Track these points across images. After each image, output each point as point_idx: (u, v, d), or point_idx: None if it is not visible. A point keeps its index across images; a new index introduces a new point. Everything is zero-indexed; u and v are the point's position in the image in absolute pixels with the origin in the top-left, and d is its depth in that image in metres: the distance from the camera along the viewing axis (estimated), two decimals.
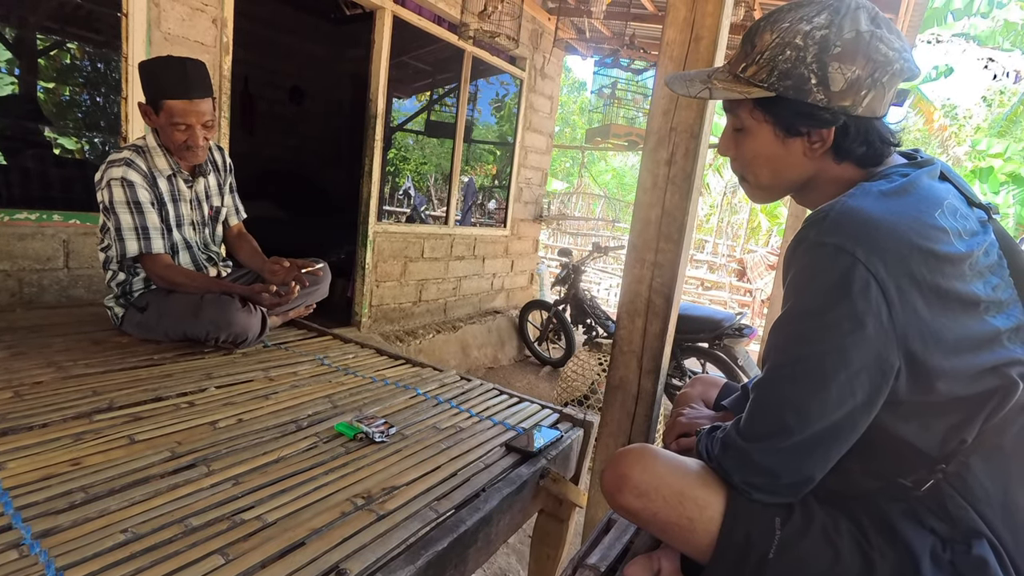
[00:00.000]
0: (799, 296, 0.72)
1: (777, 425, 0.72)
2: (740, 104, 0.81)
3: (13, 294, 2.05)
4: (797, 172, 0.81)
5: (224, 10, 2.44)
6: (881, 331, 0.66)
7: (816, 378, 0.69)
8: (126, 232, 1.62)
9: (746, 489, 0.75)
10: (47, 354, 1.52)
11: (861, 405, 0.68)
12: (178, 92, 1.57)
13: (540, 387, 4.29)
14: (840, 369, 0.67)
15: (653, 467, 0.80)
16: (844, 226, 0.68)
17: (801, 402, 0.70)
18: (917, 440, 0.71)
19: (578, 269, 4.59)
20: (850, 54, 0.72)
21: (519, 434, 1.34)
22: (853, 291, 0.66)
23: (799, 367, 0.71)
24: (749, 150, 0.83)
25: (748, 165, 0.85)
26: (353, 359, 1.79)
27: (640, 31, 4.56)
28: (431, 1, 3.53)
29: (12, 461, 0.98)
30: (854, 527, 0.73)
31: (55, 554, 0.77)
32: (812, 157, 0.79)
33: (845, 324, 0.67)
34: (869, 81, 0.72)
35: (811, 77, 0.73)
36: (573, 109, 17.03)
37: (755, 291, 8.24)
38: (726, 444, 0.78)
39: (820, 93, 0.73)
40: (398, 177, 6.14)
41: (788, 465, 0.72)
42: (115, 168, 1.60)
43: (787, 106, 0.76)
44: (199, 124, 1.63)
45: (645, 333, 1.34)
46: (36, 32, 2.21)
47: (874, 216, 0.68)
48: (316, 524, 0.89)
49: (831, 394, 0.68)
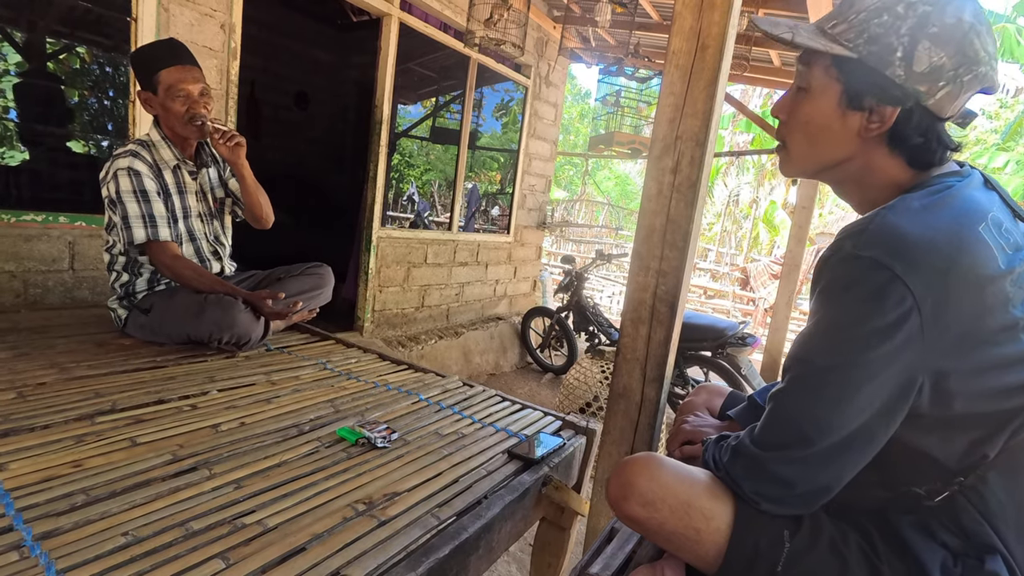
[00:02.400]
0: (830, 307, 0.70)
1: (795, 435, 0.70)
2: (816, 59, 0.77)
3: (18, 295, 2.06)
4: (842, 150, 0.77)
5: (232, 16, 2.46)
6: (910, 347, 0.65)
7: (840, 390, 0.68)
8: (133, 220, 1.63)
9: (755, 499, 0.74)
10: (50, 355, 1.52)
11: (882, 419, 0.67)
12: (169, 61, 1.65)
13: (542, 394, 4.28)
14: (865, 382, 0.66)
15: (659, 476, 0.79)
16: (883, 240, 0.67)
17: (822, 413, 0.69)
18: (937, 452, 0.70)
19: (581, 276, 4.59)
20: (944, 39, 0.68)
21: (521, 441, 1.33)
22: (887, 305, 0.64)
23: (824, 378, 0.69)
24: (804, 113, 0.79)
25: (795, 130, 0.81)
26: (355, 364, 1.79)
27: (644, 40, 4.58)
28: (437, 8, 3.55)
29: (14, 462, 0.98)
30: (863, 539, 0.72)
31: (56, 556, 0.76)
32: (864, 138, 0.75)
33: (875, 337, 0.65)
34: (951, 74, 0.69)
35: (898, 49, 0.69)
36: (576, 116, 17.09)
37: (758, 300, 8.23)
38: (738, 452, 0.77)
39: (900, 68, 0.70)
40: (402, 183, 6.15)
41: (803, 476, 0.71)
42: (121, 159, 1.63)
43: (863, 73, 0.72)
44: (197, 93, 1.67)
45: (649, 341, 1.34)
46: (46, 35, 2.22)
47: (914, 232, 0.66)
48: (317, 529, 0.89)
49: (853, 406, 0.67)
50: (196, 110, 1.67)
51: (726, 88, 1.29)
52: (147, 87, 1.67)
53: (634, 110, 5.47)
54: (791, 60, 4.42)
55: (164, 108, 1.67)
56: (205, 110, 1.70)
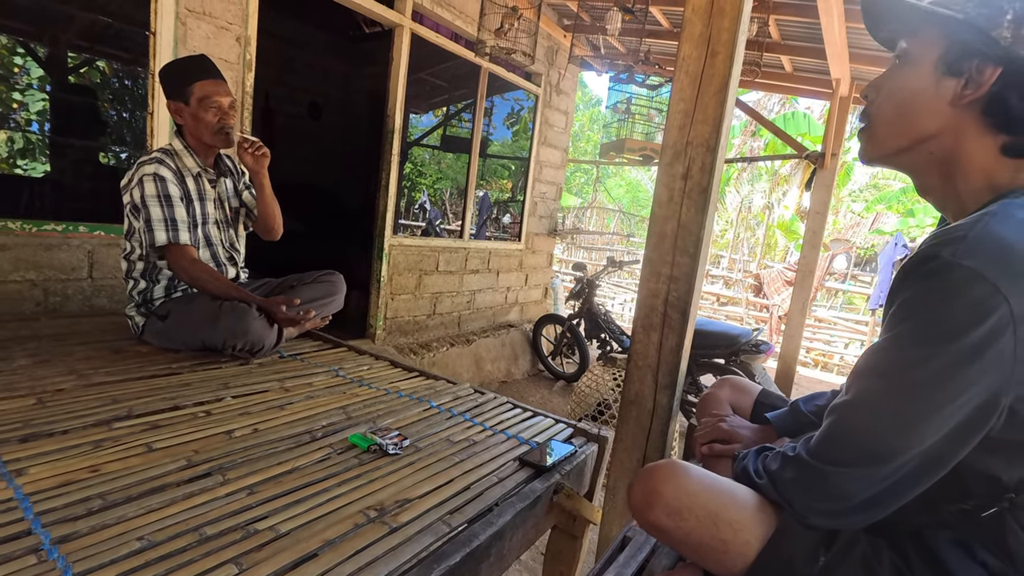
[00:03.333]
0: (918, 318, 0.64)
1: (865, 452, 0.66)
2: (918, 26, 0.73)
3: (38, 303, 2.10)
4: (931, 121, 0.72)
5: (248, 28, 2.51)
6: (999, 367, 0.60)
7: (920, 409, 0.63)
8: (155, 223, 1.68)
9: (805, 513, 0.71)
10: (69, 362, 1.55)
11: (958, 440, 0.63)
12: (202, 74, 1.74)
13: (554, 401, 4.26)
14: (947, 403, 0.62)
15: (686, 484, 0.77)
16: (986, 251, 0.61)
17: (898, 432, 0.64)
18: (1000, 472, 0.66)
19: (592, 283, 4.58)
20: None
21: (533, 448, 1.33)
22: (986, 323, 0.59)
23: (904, 395, 0.64)
24: (896, 80, 0.75)
25: (884, 100, 0.76)
26: (368, 371, 1.80)
27: (655, 47, 4.59)
28: (448, 19, 3.59)
29: (34, 467, 0.99)
30: (897, 556, 0.70)
31: (72, 560, 0.77)
32: (957, 106, 0.70)
33: (966, 355, 0.61)
34: None
35: (1008, 11, 0.66)
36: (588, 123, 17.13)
37: (772, 307, 8.14)
38: (794, 464, 0.73)
39: (1008, 30, 0.65)
40: (414, 191, 6.21)
41: (863, 494, 0.67)
42: (147, 165, 1.69)
43: (967, 33, 0.68)
44: (227, 105, 1.76)
45: (661, 347, 1.33)
46: (68, 50, 2.28)
47: (1020, 246, 0.61)
48: (329, 536, 0.89)
49: (932, 427, 0.63)
50: (226, 121, 1.77)
51: (737, 94, 1.29)
52: (178, 98, 1.75)
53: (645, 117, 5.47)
54: (803, 66, 4.40)
55: (195, 118, 1.75)
56: (233, 121, 1.79)
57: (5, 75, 2.14)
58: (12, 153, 2.23)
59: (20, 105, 2.21)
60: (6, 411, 1.20)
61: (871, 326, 7.22)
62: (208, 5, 2.35)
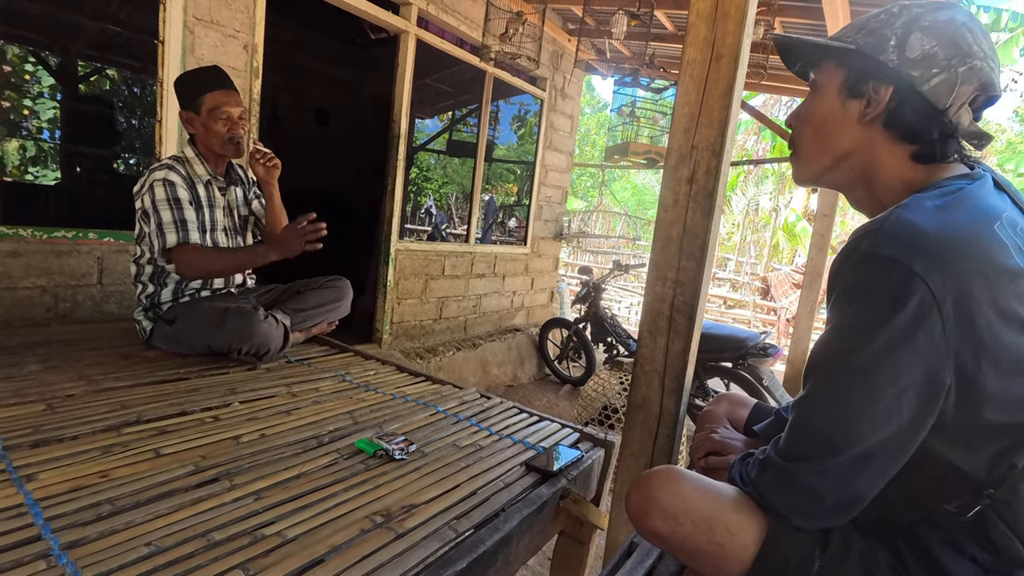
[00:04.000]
0: (848, 309, 0.69)
1: (822, 444, 0.69)
2: (821, 59, 0.83)
3: (49, 309, 2.12)
4: (845, 140, 0.80)
5: (255, 36, 2.53)
6: (933, 347, 0.63)
7: (864, 394, 0.66)
8: (166, 226, 1.70)
9: (786, 514, 0.72)
10: (79, 368, 1.56)
11: (909, 424, 0.66)
12: (214, 85, 1.76)
13: (560, 406, 4.25)
14: (888, 385, 0.65)
15: (682, 490, 0.78)
16: (899, 238, 0.66)
17: (847, 419, 0.67)
18: (963, 464, 0.68)
19: (598, 287, 4.58)
20: (936, 31, 0.73)
21: (539, 453, 1.32)
22: (908, 304, 0.63)
23: (846, 383, 0.68)
24: (810, 108, 0.84)
25: (803, 127, 0.85)
26: (374, 376, 1.80)
27: (660, 51, 4.59)
28: (453, 24, 3.61)
29: (43, 472, 1.00)
30: (892, 556, 0.71)
31: (81, 565, 0.78)
32: (863, 124, 0.78)
33: (897, 338, 0.64)
34: (944, 63, 0.72)
35: (891, 38, 0.74)
36: (595, 127, 17.13)
37: (779, 310, 8.10)
38: (765, 466, 0.75)
39: (893, 54, 0.74)
40: (420, 196, 6.22)
41: (832, 487, 0.69)
42: (158, 171, 1.72)
43: (860, 61, 0.77)
44: (237, 115, 1.78)
45: (667, 352, 1.33)
46: (78, 59, 2.31)
47: (930, 229, 0.66)
48: (335, 541, 0.89)
49: (879, 411, 0.65)
50: (236, 131, 1.79)
51: (742, 97, 1.29)
52: (190, 107, 1.77)
53: (650, 120, 5.47)
54: None
55: (205, 128, 1.77)
56: (243, 132, 1.82)
57: (17, 84, 2.17)
58: (24, 161, 2.25)
59: (31, 113, 2.24)
60: (17, 417, 1.21)
61: None
62: (216, 13, 2.37)
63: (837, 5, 2.76)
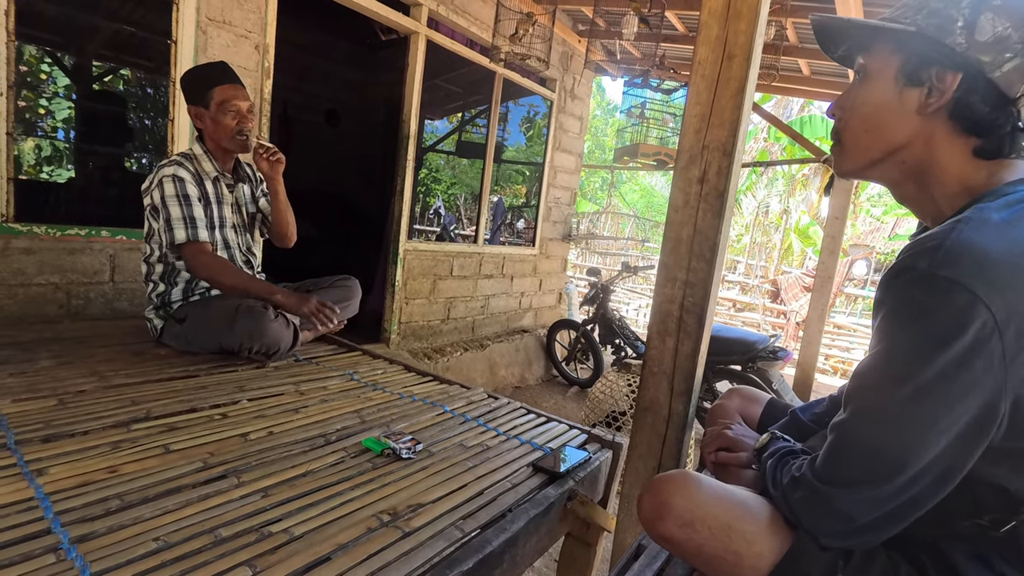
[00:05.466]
0: (902, 332, 0.64)
1: (865, 472, 0.65)
2: (873, 42, 0.75)
3: (61, 306, 2.14)
4: (899, 132, 0.73)
5: (266, 37, 2.55)
6: (991, 375, 0.59)
7: (915, 423, 0.62)
8: (175, 222, 1.71)
9: (816, 534, 0.70)
10: (91, 364, 1.57)
11: (960, 453, 0.62)
12: (222, 79, 1.78)
13: (568, 407, 4.24)
14: (942, 416, 0.61)
15: (698, 496, 0.76)
16: (962, 259, 0.60)
17: (895, 448, 0.63)
18: (1006, 483, 0.65)
19: (607, 289, 4.56)
20: (1008, 10, 0.65)
21: (546, 454, 1.32)
22: (968, 332, 0.59)
23: (897, 410, 0.64)
24: (859, 97, 0.76)
25: (850, 117, 0.78)
26: (382, 375, 1.80)
27: (670, 52, 4.57)
28: (463, 25, 3.61)
29: (54, 467, 1.01)
30: (915, 570, 0.69)
31: (90, 559, 0.78)
32: (923, 115, 0.71)
33: (954, 366, 0.60)
34: (1019, 46, 0.65)
35: (958, 18, 0.67)
36: (604, 130, 17.10)
37: (790, 313, 8.03)
38: (799, 483, 0.71)
39: (961, 37, 0.66)
40: (429, 196, 6.24)
41: (869, 513, 0.66)
42: (166, 168, 1.73)
43: (922, 44, 0.69)
44: (245, 109, 1.80)
45: (676, 353, 1.32)
46: (92, 59, 2.34)
47: (997, 250, 0.60)
48: (342, 539, 0.89)
49: (928, 441, 0.62)
50: (244, 124, 1.80)
51: (754, 98, 1.28)
52: (199, 103, 1.79)
53: (659, 122, 5.45)
54: (821, 69, 4.35)
55: (214, 122, 1.78)
56: (251, 126, 1.82)
57: (33, 84, 2.20)
58: (38, 160, 2.28)
59: (47, 113, 2.27)
60: (29, 411, 1.22)
61: None
62: (228, 14, 2.39)
63: (850, 6, 2.74)
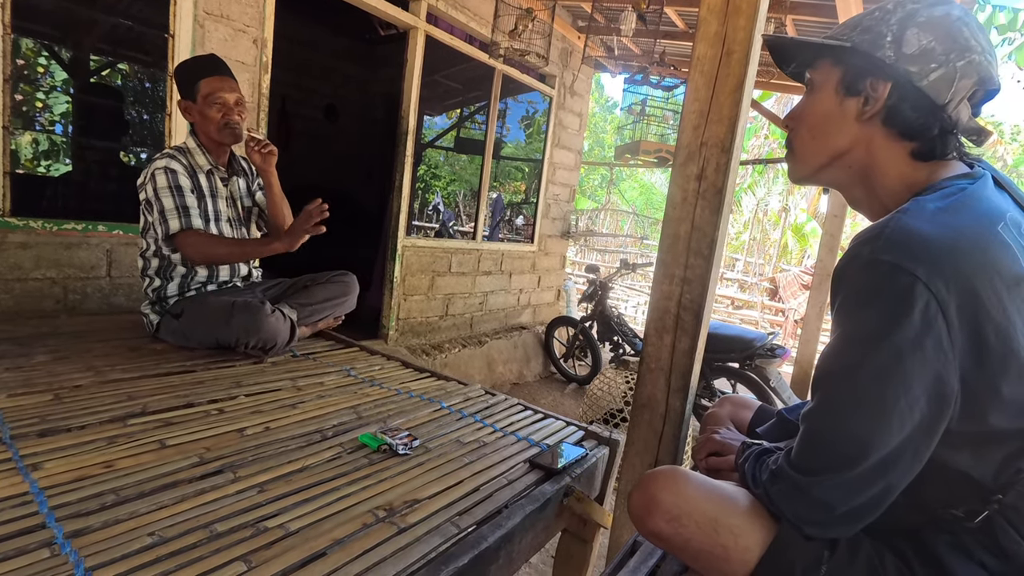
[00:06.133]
0: (853, 317, 0.68)
1: (835, 457, 0.68)
2: (817, 58, 0.82)
3: (58, 300, 2.13)
4: (842, 137, 0.79)
5: (264, 31, 2.54)
6: (941, 353, 0.62)
7: (875, 405, 0.65)
8: (168, 213, 1.71)
9: (798, 524, 0.71)
10: (87, 359, 1.57)
11: (922, 432, 0.65)
12: (210, 71, 1.77)
13: (565, 404, 4.24)
14: (900, 395, 0.63)
15: (685, 491, 0.77)
16: (902, 244, 0.65)
17: (860, 432, 0.66)
18: (970, 469, 0.67)
19: (605, 286, 4.56)
20: (932, 26, 0.72)
21: (543, 451, 1.32)
22: (913, 312, 0.62)
23: (857, 394, 0.66)
24: (807, 107, 0.83)
25: (799, 126, 0.85)
26: (379, 371, 1.80)
27: (670, 48, 4.56)
28: (463, 21, 3.60)
29: (49, 462, 1.01)
30: (900, 561, 0.70)
31: (85, 554, 0.78)
32: (861, 121, 0.77)
33: (905, 347, 0.63)
34: (942, 57, 0.71)
35: (887, 34, 0.74)
36: (603, 127, 17.07)
37: (788, 311, 8.04)
38: (777, 476, 0.74)
39: (890, 50, 0.73)
40: (428, 193, 6.23)
41: (845, 498, 0.68)
42: (159, 161, 1.73)
43: (856, 58, 0.76)
44: (232, 101, 1.78)
45: (673, 350, 1.31)
46: (90, 53, 2.33)
47: (933, 234, 0.65)
48: (338, 535, 0.89)
49: (891, 422, 0.64)
50: (231, 117, 1.78)
51: (752, 95, 1.27)
52: (187, 95, 1.78)
53: (659, 118, 5.44)
54: None
55: (202, 115, 1.77)
56: (239, 118, 1.80)
57: (31, 78, 2.19)
58: (35, 154, 2.27)
59: (43, 107, 2.26)
60: (25, 406, 1.22)
61: None
62: (226, 8, 2.38)
63: (850, 3, 2.73)
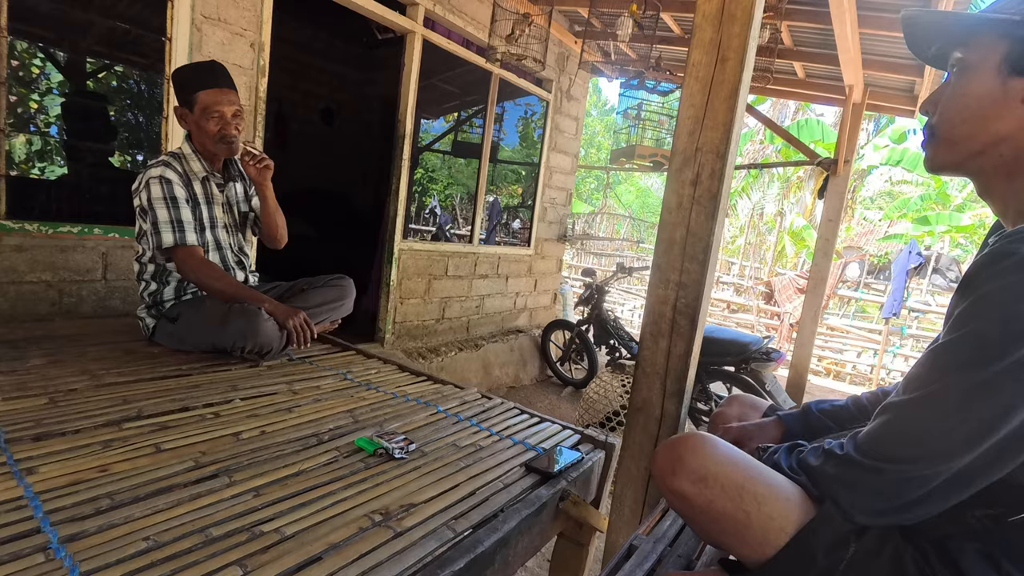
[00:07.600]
0: (996, 315, 0.61)
1: (927, 449, 0.64)
2: (973, 34, 0.72)
3: (53, 304, 2.13)
4: (1005, 123, 0.69)
5: (262, 35, 2.54)
6: None
7: (993, 408, 0.60)
8: (162, 225, 1.69)
9: (851, 511, 0.69)
10: (82, 362, 1.56)
11: (1016, 448, 0.62)
12: (208, 83, 1.73)
13: (562, 408, 4.25)
14: (1018, 405, 0.60)
15: (713, 455, 0.77)
16: None
17: (960, 431, 0.62)
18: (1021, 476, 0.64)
19: (601, 289, 4.57)
20: None
21: (539, 454, 1.32)
22: None
23: (977, 392, 0.61)
24: (957, 90, 0.73)
25: (947, 109, 0.74)
26: (375, 375, 1.80)
27: (666, 53, 4.58)
28: (460, 25, 3.61)
29: (44, 466, 1.00)
30: (921, 558, 0.69)
31: (80, 559, 0.78)
32: None
33: None
34: None
35: None
36: (599, 130, 17.12)
37: (783, 315, 8.06)
38: (839, 461, 0.71)
39: None
40: (424, 196, 6.23)
41: (916, 492, 0.65)
42: (153, 169, 1.71)
43: None
44: (230, 114, 1.75)
45: (669, 354, 1.32)
46: (86, 56, 2.32)
47: None
48: (333, 539, 0.89)
49: (995, 429, 0.60)
50: (227, 131, 1.76)
51: (747, 100, 1.28)
52: (184, 104, 1.76)
53: (655, 123, 5.46)
54: (816, 72, 4.37)
55: (197, 126, 1.76)
56: (236, 131, 1.78)
57: (26, 80, 2.19)
58: (30, 156, 2.26)
59: (39, 109, 2.25)
60: (19, 410, 1.21)
61: (884, 335, 7.12)
62: (223, 12, 2.38)
63: (845, 9, 2.75)
